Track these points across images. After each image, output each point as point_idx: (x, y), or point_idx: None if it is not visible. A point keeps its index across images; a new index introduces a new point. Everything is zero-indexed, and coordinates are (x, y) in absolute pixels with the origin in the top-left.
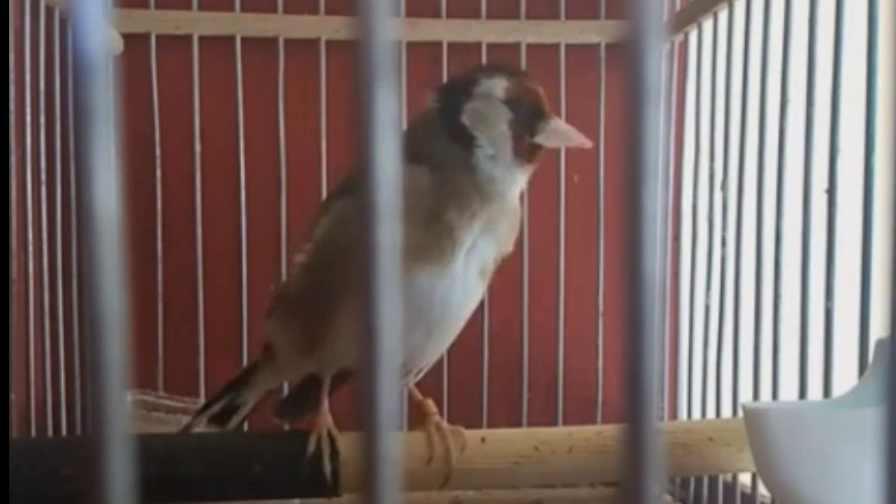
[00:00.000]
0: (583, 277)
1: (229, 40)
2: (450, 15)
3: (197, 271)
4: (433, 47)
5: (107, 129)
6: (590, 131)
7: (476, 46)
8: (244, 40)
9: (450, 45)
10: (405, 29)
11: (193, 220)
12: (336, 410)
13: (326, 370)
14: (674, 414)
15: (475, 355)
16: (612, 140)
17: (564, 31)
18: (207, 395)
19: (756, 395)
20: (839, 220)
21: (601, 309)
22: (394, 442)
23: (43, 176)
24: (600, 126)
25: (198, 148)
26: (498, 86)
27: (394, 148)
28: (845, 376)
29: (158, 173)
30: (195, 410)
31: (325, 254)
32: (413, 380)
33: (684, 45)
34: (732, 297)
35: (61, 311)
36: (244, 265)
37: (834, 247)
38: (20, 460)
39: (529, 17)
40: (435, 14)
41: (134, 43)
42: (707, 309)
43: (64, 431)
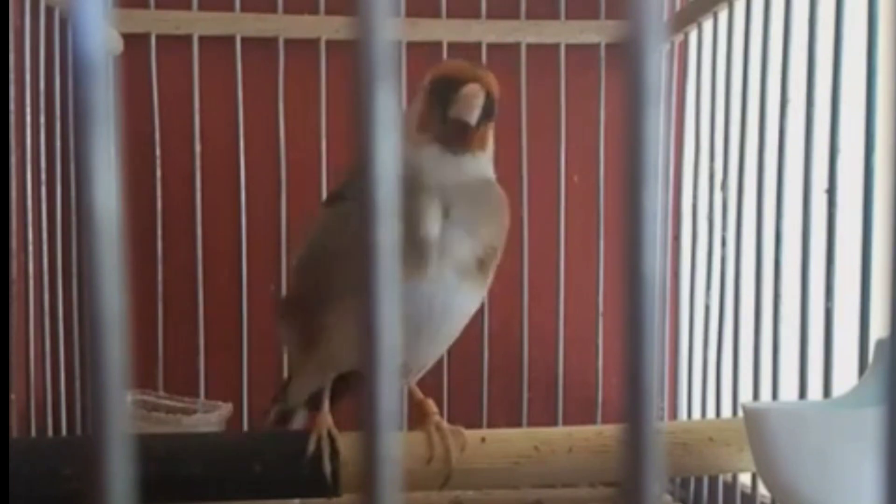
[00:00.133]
0: (583, 277)
1: (229, 40)
2: (450, 15)
3: (197, 271)
4: (433, 47)
5: (107, 129)
6: (590, 131)
7: (476, 46)
8: (244, 40)
9: (450, 45)
10: (405, 29)
11: (193, 220)
12: (336, 410)
13: (326, 372)
14: (674, 414)
15: (475, 355)
16: (612, 140)
17: (564, 31)
18: (207, 395)
19: (756, 395)
20: (839, 220)
21: (601, 309)
22: (394, 442)
23: (43, 176)
24: (600, 126)
25: (198, 148)
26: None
27: (394, 148)
28: (845, 376)
29: (158, 173)
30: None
31: (315, 258)
32: (414, 379)
33: (684, 45)
34: (732, 297)
35: (61, 311)
36: (244, 265)
37: (834, 247)
38: (20, 460)
39: (529, 17)
40: (435, 14)
41: (134, 43)
42: (707, 309)
43: (64, 431)
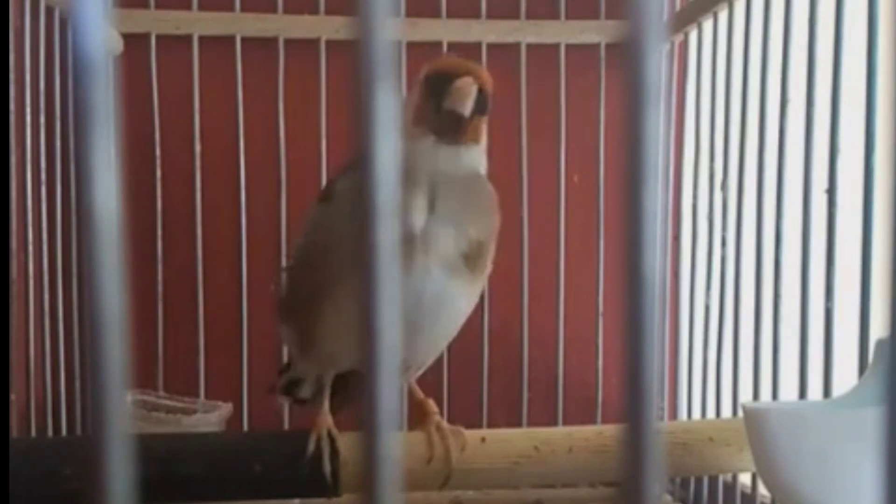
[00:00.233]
0: (583, 277)
1: (229, 40)
2: (450, 15)
3: (197, 271)
4: (433, 47)
5: (107, 129)
6: (590, 131)
7: (476, 46)
8: (244, 40)
9: (450, 45)
10: (405, 29)
11: (193, 220)
12: (336, 410)
13: (325, 370)
14: (674, 414)
15: (475, 355)
16: (612, 140)
17: (564, 31)
18: (207, 395)
19: (756, 395)
20: (839, 220)
21: (601, 309)
22: (394, 442)
23: (43, 176)
24: (600, 126)
25: (198, 148)
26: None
27: (394, 148)
28: (845, 376)
29: (158, 173)
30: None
31: (305, 257)
32: (413, 378)
33: (684, 45)
34: (732, 297)
35: (61, 311)
36: (244, 265)
37: (834, 247)
38: (20, 460)
39: (529, 17)
40: (435, 14)
41: (134, 43)
42: (707, 309)
43: (64, 431)
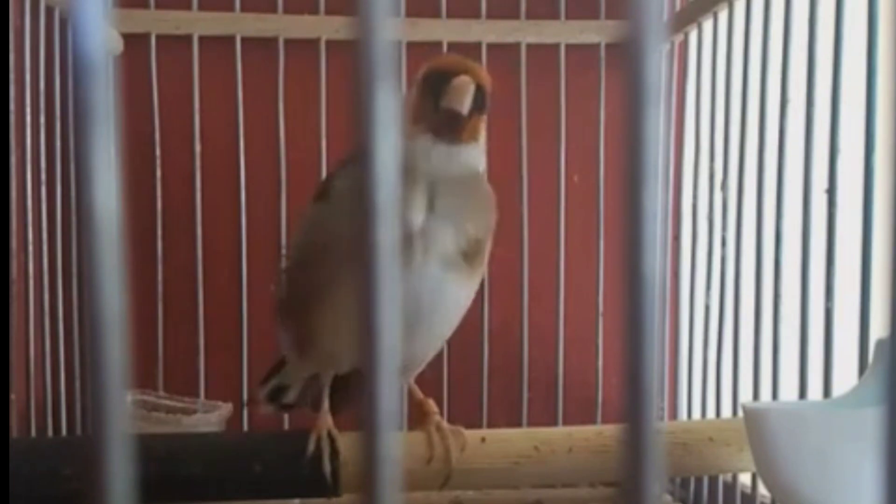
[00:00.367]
0: (583, 277)
1: (229, 40)
2: (450, 15)
3: (197, 271)
4: (433, 47)
5: (107, 129)
6: (590, 131)
7: (476, 46)
8: (244, 40)
9: (450, 45)
10: (405, 29)
11: (193, 220)
12: (336, 411)
13: (324, 370)
14: (674, 414)
15: (475, 355)
16: (612, 140)
17: (564, 31)
18: (207, 395)
19: (756, 395)
20: (839, 220)
21: (601, 309)
22: (394, 442)
23: (43, 176)
24: (600, 126)
25: (198, 148)
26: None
27: (394, 147)
28: (845, 376)
29: (158, 173)
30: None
31: (304, 256)
32: (412, 376)
33: (684, 45)
34: (732, 297)
35: (61, 311)
36: (244, 265)
37: (834, 247)
38: (20, 460)
39: (529, 17)
40: (435, 14)
41: (134, 43)
42: (707, 309)
43: (64, 431)
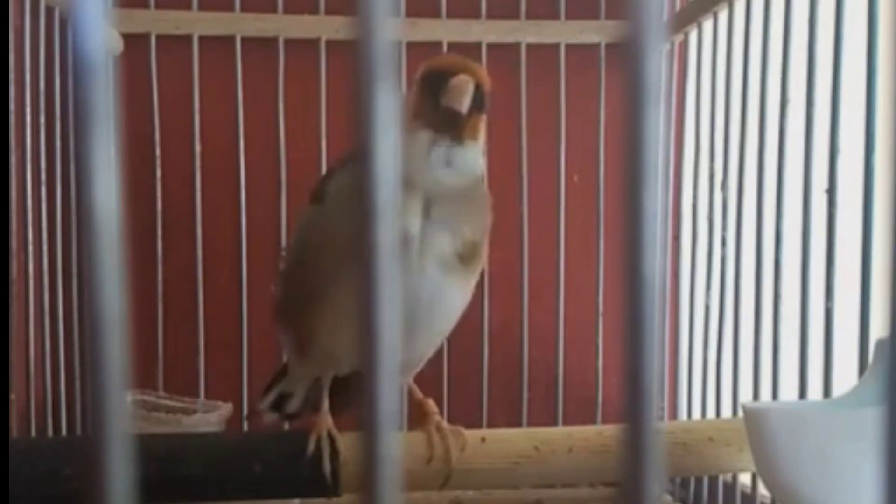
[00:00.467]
0: (583, 277)
1: (229, 40)
2: (450, 15)
3: (197, 271)
4: (433, 47)
5: (107, 129)
6: (590, 131)
7: (476, 46)
8: (244, 40)
9: (450, 45)
10: (405, 29)
11: (193, 220)
12: (336, 411)
13: (324, 372)
14: (674, 414)
15: (475, 355)
16: (612, 140)
17: (564, 31)
18: (207, 395)
19: (756, 395)
20: (839, 220)
21: (601, 309)
22: (394, 442)
23: (43, 176)
24: (600, 126)
25: (198, 148)
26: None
27: (394, 148)
28: (845, 376)
29: (158, 173)
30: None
31: (301, 258)
32: (410, 376)
33: (684, 45)
34: (732, 297)
35: (61, 311)
36: (244, 265)
37: (834, 247)
38: (20, 460)
39: (529, 17)
40: (435, 14)
41: (134, 43)
42: (707, 309)
43: (64, 431)
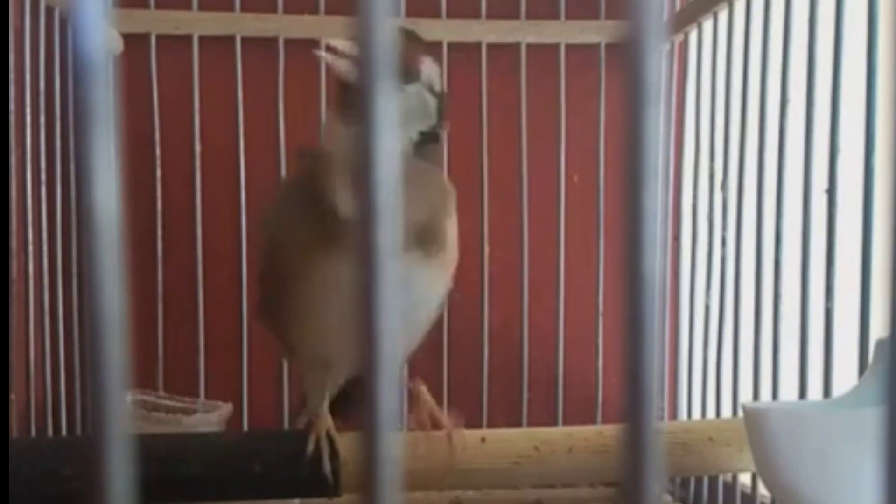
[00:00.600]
0: (583, 277)
1: (229, 40)
2: (450, 15)
3: (197, 271)
4: (433, 47)
5: (107, 129)
6: (590, 131)
7: (476, 46)
8: (244, 40)
9: (450, 45)
10: None
11: (193, 220)
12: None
13: (319, 371)
14: (674, 414)
15: (475, 355)
16: (612, 140)
17: (564, 31)
18: (207, 395)
19: (756, 395)
20: (839, 220)
21: (601, 309)
22: (394, 442)
23: (43, 176)
24: (600, 126)
25: (198, 148)
26: None
27: (394, 148)
28: (845, 376)
29: (158, 173)
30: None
31: (266, 254)
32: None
33: (684, 45)
34: (732, 297)
35: (61, 311)
36: (244, 265)
37: (834, 247)
38: (20, 460)
39: (529, 17)
40: (435, 14)
41: (134, 43)
42: (707, 309)
43: (64, 431)
